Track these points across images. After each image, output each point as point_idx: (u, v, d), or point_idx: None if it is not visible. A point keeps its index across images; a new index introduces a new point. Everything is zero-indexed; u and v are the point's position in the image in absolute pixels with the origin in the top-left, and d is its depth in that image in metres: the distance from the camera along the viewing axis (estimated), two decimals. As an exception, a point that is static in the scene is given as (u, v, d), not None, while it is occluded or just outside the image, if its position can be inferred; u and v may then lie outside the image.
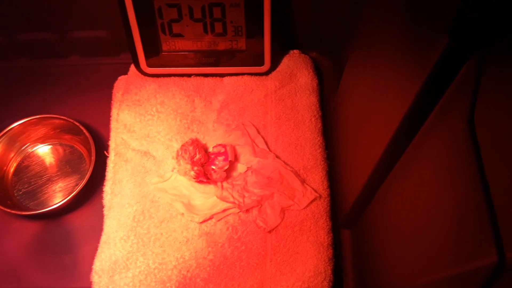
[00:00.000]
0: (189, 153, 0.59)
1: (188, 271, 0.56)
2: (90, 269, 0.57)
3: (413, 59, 0.32)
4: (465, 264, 0.28)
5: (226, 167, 0.61)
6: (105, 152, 0.66)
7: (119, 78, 0.71)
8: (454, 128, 0.29)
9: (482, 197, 0.26)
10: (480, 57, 0.27)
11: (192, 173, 0.59)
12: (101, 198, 0.63)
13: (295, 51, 0.72)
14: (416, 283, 0.36)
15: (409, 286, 0.38)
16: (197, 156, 0.60)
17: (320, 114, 0.67)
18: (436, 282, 0.32)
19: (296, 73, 0.70)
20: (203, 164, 0.61)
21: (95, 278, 0.57)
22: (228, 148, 0.62)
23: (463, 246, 0.29)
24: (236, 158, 0.63)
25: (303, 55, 0.72)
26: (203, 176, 0.60)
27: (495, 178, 0.26)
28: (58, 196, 0.66)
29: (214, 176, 0.61)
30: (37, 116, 0.67)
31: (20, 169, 0.68)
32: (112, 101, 0.69)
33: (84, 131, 0.66)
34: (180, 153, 0.61)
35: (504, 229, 0.24)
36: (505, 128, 0.25)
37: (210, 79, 0.70)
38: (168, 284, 0.55)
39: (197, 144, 0.61)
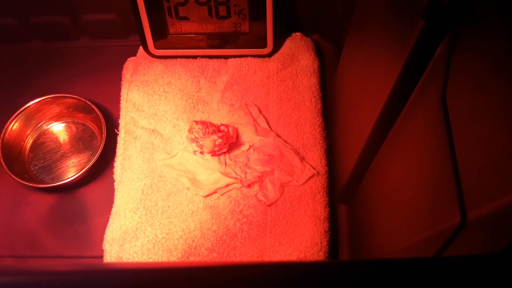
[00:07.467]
0: (207, 128, 0.63)
1: (193, 240, 0.60)
2: (102, 239, 0.61)
3: (395, 43, 0.35)
4: (436, 227, 0.31)
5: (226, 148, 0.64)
6: (115, 130, 0.70)
7: (128, 59, 0.74)
8: (430, 106, 0.32)
9: (451, 171, 0.29)
10: (452, 38, 0.29)
11: (220, 140, 0.62)
12: (112, 173, 0.67)
13: (297, 33, 0.75)
14: (399, 247, 0.40)
15: (393, 251, 0.42)
16: (211, 129, 0.63)
17: (320, 95, 0.70)
18: (413, 245, 0.36)
19: (298, 55, 0.72)
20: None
21: (106, 246, 0.61)
22: (230, 129, 0.65)
23: (434, 213, 0.32)
24: (238, 138, 0.66)
25: (305, 37, 0.74)
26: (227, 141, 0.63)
27: (462, 150, 0.29)
28: (71, 171, 0.70)
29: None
30: (52, 95, 0.71)
31: (36, 145, 0.72)
32: (121, 82, 0.73)
33: (96, 110, 0.69)
34: (201, 129, 0.64)
35: (467, 196, 0.28)
36: (471, 102, 0.28)
37: (214, 60, 0.73)
38: (174, 253, 0.60)
39: (204, 122, 0.65)
